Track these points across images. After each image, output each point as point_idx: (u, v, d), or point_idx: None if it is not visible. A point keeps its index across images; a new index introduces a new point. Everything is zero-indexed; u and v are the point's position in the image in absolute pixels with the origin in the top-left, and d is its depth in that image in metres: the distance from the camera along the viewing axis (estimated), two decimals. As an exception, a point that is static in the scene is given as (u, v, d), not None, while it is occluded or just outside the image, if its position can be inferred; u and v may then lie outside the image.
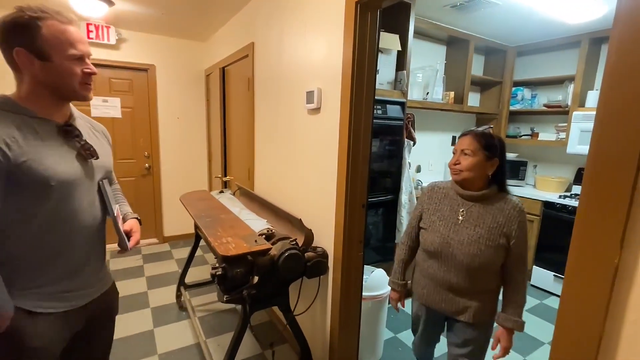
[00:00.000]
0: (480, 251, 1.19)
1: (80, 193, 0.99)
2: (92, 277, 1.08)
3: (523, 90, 3.47)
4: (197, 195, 2.40)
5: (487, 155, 1.20)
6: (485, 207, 1.22)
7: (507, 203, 1.20)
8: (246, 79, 2.64)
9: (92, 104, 3.35)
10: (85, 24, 3.08)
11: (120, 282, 2.95)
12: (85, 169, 1.01)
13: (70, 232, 0.98)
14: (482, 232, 1.20)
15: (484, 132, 1.23)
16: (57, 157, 0.93)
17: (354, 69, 1.44)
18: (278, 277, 1.53)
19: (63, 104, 0.98)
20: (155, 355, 2.07)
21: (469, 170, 1.21)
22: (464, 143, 1.22)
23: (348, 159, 1.51)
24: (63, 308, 0.99)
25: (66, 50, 0.90)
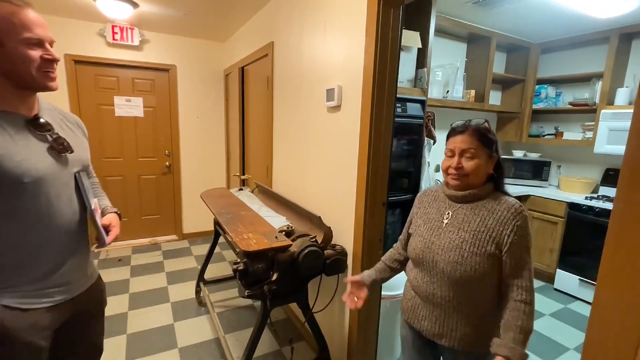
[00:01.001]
0: (462, 258, 0.99)
1: (56, 189, 0.96)
2: (75, 273, 1.06)
3: (547, 88, 3.37)
4: (217, 192, 2.43)
5: (489, 153, 1.03)
6: (473, 208, 1.03)
7: (500, 204, 1.00)
8: (265, 78, 2.66)
9: (116, 103, 3.46)
10: (111, 25, 3.18)
11: (141, 277, 3.03)
12: (60, 164, 0.97)
13: (48, 229, 0.95)
14: (466, 236, 1.01)
15: (483, 127, 1.04)
16: (28, 152, 0.89)
17: (376, 66, 1.44)
18: (297, 273, 1.53)
19: (25, 95, 0.92)
20: (175, 349, 2.11)
21: (475, 174, 1.02)
22: (465, 142, 1.02)
23: (369, 156, 1.50)
24: (47, 304, 0.98)
25: (20, 33, 0.84)
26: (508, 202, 1.00)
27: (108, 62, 3.33)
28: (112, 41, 3.23)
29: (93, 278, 1.17)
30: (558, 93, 3.39)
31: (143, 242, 3.80)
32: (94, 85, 3.35)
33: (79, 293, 1.08)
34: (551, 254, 3.04)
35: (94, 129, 3.42)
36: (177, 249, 3.73)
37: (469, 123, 1.05)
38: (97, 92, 3.38)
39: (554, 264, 3.01)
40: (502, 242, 0.97)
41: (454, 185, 1.06)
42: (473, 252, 0.99)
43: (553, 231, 3.02)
